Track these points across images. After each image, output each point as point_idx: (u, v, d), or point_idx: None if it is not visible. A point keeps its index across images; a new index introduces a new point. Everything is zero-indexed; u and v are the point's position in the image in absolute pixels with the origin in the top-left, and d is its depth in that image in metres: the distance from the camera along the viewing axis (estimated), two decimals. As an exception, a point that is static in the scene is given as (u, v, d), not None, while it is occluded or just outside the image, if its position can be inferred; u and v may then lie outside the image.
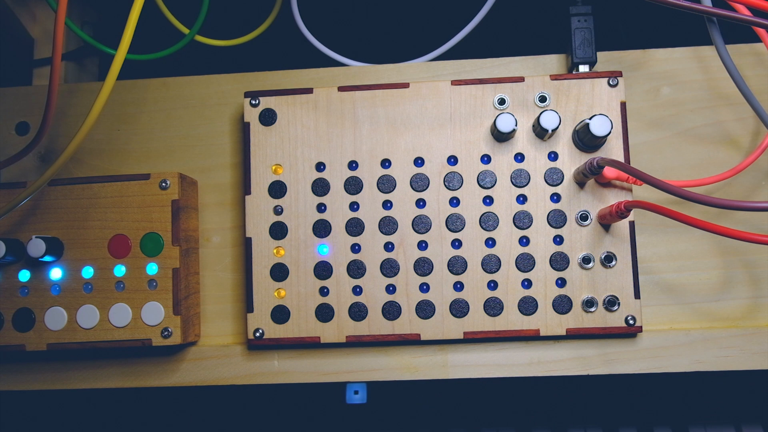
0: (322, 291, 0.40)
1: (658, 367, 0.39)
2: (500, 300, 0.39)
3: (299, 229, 0.40)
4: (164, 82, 0.45)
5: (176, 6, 0.45)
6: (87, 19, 0.53)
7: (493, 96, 0.40)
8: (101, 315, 0.39)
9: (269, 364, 0.41)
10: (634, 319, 0.38)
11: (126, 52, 0.35)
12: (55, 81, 0.36)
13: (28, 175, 0.44)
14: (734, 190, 0.41)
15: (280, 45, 0.58)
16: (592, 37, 0.41)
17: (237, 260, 0.43)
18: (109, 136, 0.44)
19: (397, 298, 0.39)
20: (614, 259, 0.39)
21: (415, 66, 0.44)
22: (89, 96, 0.45)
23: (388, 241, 0.40)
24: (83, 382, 0.42)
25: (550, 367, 0.40)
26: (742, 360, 0.39)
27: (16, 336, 0.39)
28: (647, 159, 0.42)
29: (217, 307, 0.43)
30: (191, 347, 0.42)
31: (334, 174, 0.40)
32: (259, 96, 0.41)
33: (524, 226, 0.39)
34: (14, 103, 0.45)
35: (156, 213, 0.39)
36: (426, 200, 0.40)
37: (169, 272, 0.39)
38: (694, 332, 0.39)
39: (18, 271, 0.40)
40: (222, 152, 0.44)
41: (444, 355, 0.40)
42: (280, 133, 0.41)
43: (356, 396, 0.41)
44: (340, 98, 0.41)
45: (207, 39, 0.46)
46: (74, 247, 0.40)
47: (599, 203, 0.39)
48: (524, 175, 0.39)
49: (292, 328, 0.40)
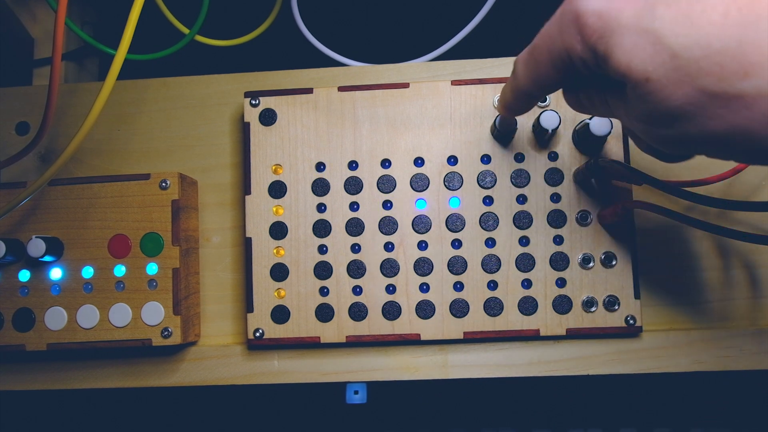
0: (322, 291, 0.40)
1: (658, 367, 0.39)
2: (500, 300, 0.39)
3: (299, 229, 0.40)
4: (164, 82, 0.45)
5: (176, 6, 0.45)
6: (87, 19, 0.53)
7: (493, 96, 0.40)
8: (101, 315, 0.39)
9: (269, 364, 0.41)
10: (634, 319, 0.38)
11: (126, 52, 0.35)
12: (55, 81, 0.36)
13: (28, 175, 0.44)
14: (734, 190, 0.41)
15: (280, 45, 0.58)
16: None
17: (237, 260, 0.43)
18: (109, 136, 0.44)
19: (397, 298, 0.39)
20: (614, 259, 0.39)
21: (415, 66, 0.44)
22: (89, 96, 0.45)
23: (388, 241, 0.40)
24: (83, 382, 0.42)
25: (550, 367, 0.40)
26: (742, 360, 0.39)
27: (16, 336, 0.39)
28: (647, 159, 0.42)
29: (217, 307, 0.43)
30: (191, 347, 0.42)
31: (334, 174, 0.40)
32: (259, 96, 0.41)
33: (524, 226, 0.39)
34: (14, 103, 0.45)
35: (156, 213, 0.39)
36: (426, 200, 0.40)
37: (169, 272, 0.39)
38: (694, 332, 0.39)
39: (18, 271, 0.40)
40: (222, 152, 0.44)
41: (444, 355, 0.40)
42: (280, 133, 0.41)
43: (356, 396, 0.41)
44: (340, 98, 0.41)
45: (207, 39, 0.46)
46: (74, 247, 0.40)
47: (599, 203, 0.39)
48: (524, 175, 0.39)
49: (292, 328, 0.40)
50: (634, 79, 0.23)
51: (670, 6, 0.22)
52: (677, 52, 0.22)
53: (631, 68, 0.23)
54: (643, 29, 0.23)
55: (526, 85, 0.30)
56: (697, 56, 0.21)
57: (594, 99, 0.28)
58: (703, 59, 0.21)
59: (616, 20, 0.23)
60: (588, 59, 0.25)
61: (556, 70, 0.27)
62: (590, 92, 0.28)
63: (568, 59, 0.26)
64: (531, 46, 0.29)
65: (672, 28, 0.22)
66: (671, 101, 0.23)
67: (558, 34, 0.26)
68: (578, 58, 0.26)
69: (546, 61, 0.27)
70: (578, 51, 0.25)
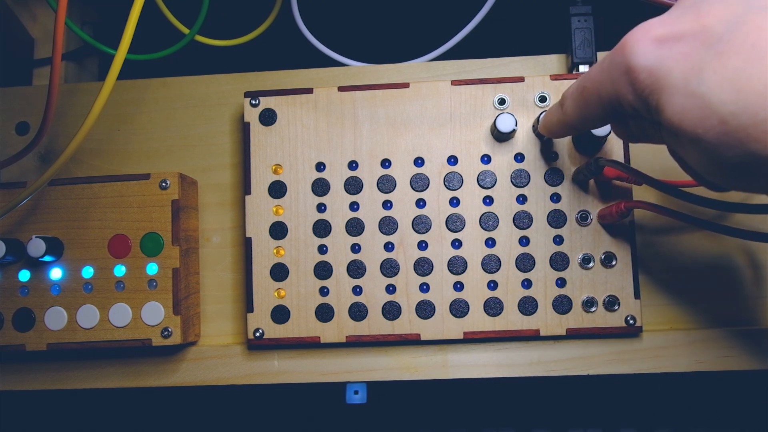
0: (322, 291, 0.40)
1: (658, 367, 0.39)
2: (500, 300, 0.39)
3: (299, 229, 0.40)
4: (164, 82, 0.45)
5: (176, 6, 0.45)
6: (87, 19, 0.53)
7: (493, 96, 0.40)
8: (101, 315, 0.39)
9: (269, 364, 0.41)
10: (634, 319, 0.38)
11: (126, 52, 0.35)
12: (55, 81, 0.36)
13: (28, 175, 0.44)
14: (734, 191, 0.41)
15: (280, 45, 0.58)
16: (592, 37, 0.41)
17: (237, 260, 0.43)
18: (109, 136, 0.44)
19: (397, 298, 0.39)
20: (614, 259, 0.39)
21: (415, 66, 0.44)
22: (89, 96, 0.45)
23: (388, 241, 0.40)
24: (83, 382, 0.42)
25: (550, 367, 0.40)
26: (742, 360, 0.39)
27: (16, 336, 0.39)
28: (647, 159, 0.42)
29: (217, 307, 0.43)
30: (191, 347, 0.42)
31: (334, 174, 0.40)
32: (259, 96, 0.41)
33: (524, 226, 0.39)
34: (14, 103, 0.45)
35: (156, 213, 0.39)
36: (426, 200, 0.40)
37: (169, 272, 0.39)
38: (694, 332, 0.39)
39: (18, 271, 0.40)
40: (222, 152, 0.44)
41: (444, 355, 0.40)
42: (280, 133, 0.41)
43: (356, 396, 0.41)
44: (340, 98, 0.41)
45: (207, 39, 0.46)
46: (74, 247, 0.40)
47: (599, 203, 0.39)
48: (524, 175, 0.39)
49: (292, 328, 0.40)
50: (687, 137, 0.24)
51: (717, 71, 0.22)
52: (725, 118, 0.22)
53: (682, 127, 0.23)
54: (691, 92, 0.23)
55: (575, 122, 0.31)
56: (745, 124, 0.22)
57: (648, 131, 0.28)
58: (751, 127, 0.21)
59: (665, 79, 0.24)
60: (640, 108, 0.26)
61: (605, 113, 0.28)
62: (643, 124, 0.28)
63: (619, 105, 0.27)
64: (580, 87, 0.29)
65: (719, 95, 0.22)
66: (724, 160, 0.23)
67: (609, 82, 0.27)
68: (629, 106, 0.26)
69: (596, 103, 0.28)
70: (630, 100, 0.26)
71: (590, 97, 0.28)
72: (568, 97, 0.31)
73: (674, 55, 0.24)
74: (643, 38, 0.25)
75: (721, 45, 0.22)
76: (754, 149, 0.22)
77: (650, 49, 0.24)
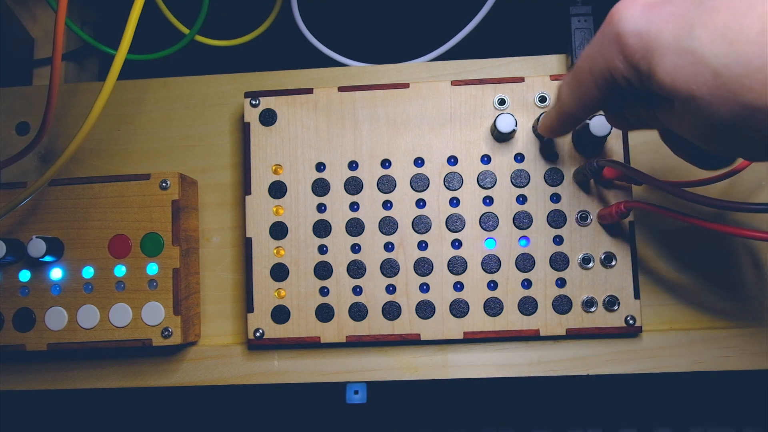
0: (322, 291, 0.40)
1: (658, 367, 0.39)
2: (500, 300, 0.39)
3: (299, 229, 0.40)
4: (164, 82, 0.45)
5: (176, 6, 0.45)
6: (87, 19, 0.53)
7: (493, 96, 0.40)
8: (101, 315, 0.39)
9: (269, 364, 0.41)
10: (634, 319, 0.38)
11: (126, 52, 0.35)
12: (55, 81, 0.36)
13: (28, 175, 0.44)
14: (734, 191, 0.41)
15: (280, 45, 0.58)
16: (592, 37, 0.41)
17: (237, 260, 0.43)
18: (109, 136, 0.44)
19: (397, 298, 0.39)
20: (614, 259, 0.39)
21: (415, 66, 0.44)
22: (89, 96, 0.45)
23: (388, 241, 0.40)
24: (83, 382, 0.42)
25: (550, 367, 0.40)
26: (742, 360, 0.39)
27: (16, 336, 0.39)
28: (647, 159, 0.42)
29: (217, 307, 0.43)
30: (191, 347, 0.42)
31: (334, 174, 0.40)
32: (259, 96, 0.41)
33: (524, 226, 0.39)
34: (14, 103, 0.45)
35: (156, 213, 0.39)
36: (426, 200, 0.40)
37: (169, 272, 0.39)
38: (694, 332, 0.39)
39: (18, 271, 0.40)
40: (222, 152, 0.44)
41: (444, 355, 0.40)
42: (280, 134, 0.41)
43: (356, 396, 0.41)
44: (340, 98, 0.41)
45: (207, 39, 0.46)
46: (74, 247, 0.40)
47: (599, 203, 0.39)
48: (524, 175, 0.39)
49: (292, 328, 0.40)
50: (680, 97, 0.24)
51: (707, 26, 0.22)
52: (718, 70, 0.22)
53: (675, 87, 0.24)
54: (683, 49, 0.23)
55: (571, 107, 0.31)
56: (738, 74, 0.22)
57: (641, 114, 0.29)
58: (744, 76, 0.22)
59: (656, 40, 0.24)
60: (631, 77, 0.26)
61: (599, 89, 0.28)
62: (637, 108, 0.29)
63: (611, 78, 0.27)
64: (573, 69, 0.29)
65: (711, 48, 0.22)
66: (719, 116, 0.23)
67: (600, 55, 0.27)
68: (621, 76, 0.26)
69: (589, 81, 0.28)
70: (621, 70, 0.26)
71: (583, 75, 0.28)
72: (562, 86, 0.31)
73: (663, 16, 0.24)
74: (632, 5, 0.25)
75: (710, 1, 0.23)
76: (748, 100, 0.22)
77: (639, 14, 0.24)
